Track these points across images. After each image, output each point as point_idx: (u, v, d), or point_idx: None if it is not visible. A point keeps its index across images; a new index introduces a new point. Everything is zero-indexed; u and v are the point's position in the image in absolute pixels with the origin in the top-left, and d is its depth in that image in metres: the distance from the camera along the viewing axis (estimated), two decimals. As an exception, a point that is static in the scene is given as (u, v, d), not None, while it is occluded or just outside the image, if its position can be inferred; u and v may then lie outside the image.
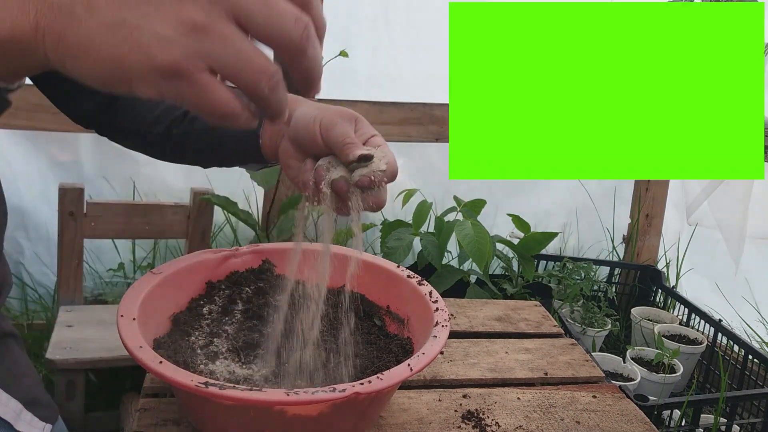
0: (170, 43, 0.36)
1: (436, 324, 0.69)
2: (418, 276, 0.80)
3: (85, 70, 0.38)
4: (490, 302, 1.06)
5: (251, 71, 0.38)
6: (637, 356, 1.82)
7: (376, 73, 2.03)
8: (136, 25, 0.36)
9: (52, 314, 1.85)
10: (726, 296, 2.14)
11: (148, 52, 0.36)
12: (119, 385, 1.78)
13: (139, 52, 0.36)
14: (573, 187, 2.35)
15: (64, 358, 1.47)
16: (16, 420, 0.68)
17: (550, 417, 0.75)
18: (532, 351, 0.91)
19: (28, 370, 0.74)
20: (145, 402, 0.70)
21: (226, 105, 0.38)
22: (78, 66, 0.38)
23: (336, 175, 0.61)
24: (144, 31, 0.36)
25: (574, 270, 2.03)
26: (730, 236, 2.15)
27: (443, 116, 2.06)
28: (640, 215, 2.37)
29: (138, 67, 0.36)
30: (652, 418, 1.33)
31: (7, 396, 0.67)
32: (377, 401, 0.67)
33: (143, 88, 0.37)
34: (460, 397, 0.78)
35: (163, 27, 0.36)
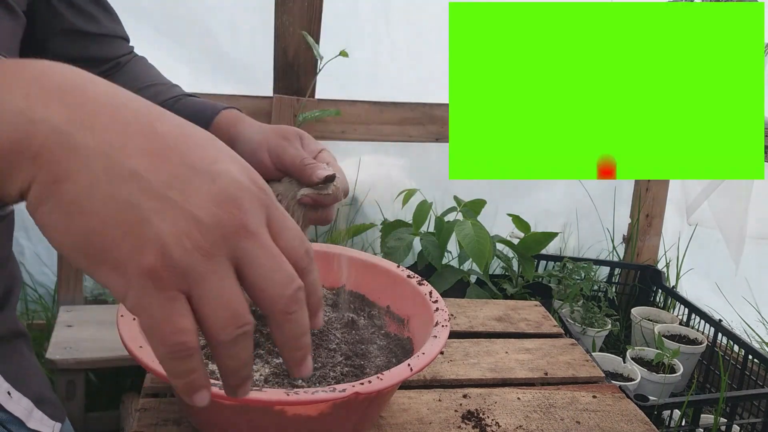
0: (165, 252, 0.32)
1: (436, 324, 0.69)
2: (418, 276, 0.80)
3: (60, 229, 0.32)
4: (490, 302, 1.06)
5: (227, 315, 0.33)
6: (637, 356, 1.82)
7: (376, 73, 2.03)
8: (145, 217, 0.32)
9: (52, 314, 1.85)
10: (726, 296, 2.14)
11: (141, 249, 0.32)
12: (119, 385, 1.78)
13: (133, 245, 0.32)
14: (573, 187, 2.35)
15: (64, 358, 1.47)
16: (28, 418, 0.68)
17: (550, 417, 0.75)
18: (532, 351, 0.91)
19: (37, 369, 0.75)
20: (145, 402, 0.70)
21: (179, 333, 0.32)
22: (54, 221, 0.32)
23: (299, 195, 0.64)
24: (150, 227, 0.32)
25: (574, 270, 2.03)
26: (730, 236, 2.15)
27: (443, 116, 2.06)
28: (640, 215, 2.37)
29: (121, 257, 0.32)
30: (652, 418, 1.33)
31: (18, 394, 0.68)
32: (377, 401, 0.67)
33: (110, 278, 0.33)
34: (460, 397, 0.78)
35: (168, 231, 0.32)
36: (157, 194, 0.32)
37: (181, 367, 0.33)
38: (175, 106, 0.79)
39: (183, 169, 0.33)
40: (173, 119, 0.36)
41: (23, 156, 0.32)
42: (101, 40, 0.78)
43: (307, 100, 1.81)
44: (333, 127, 1.95)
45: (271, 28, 1.78)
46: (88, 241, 0.32)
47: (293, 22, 1.76)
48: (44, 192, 0.32)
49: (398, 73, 2.04)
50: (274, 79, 1.84)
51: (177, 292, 0.33)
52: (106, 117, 0.33)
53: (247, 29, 1.87)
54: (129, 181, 0.32)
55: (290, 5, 1.74)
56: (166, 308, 0.32)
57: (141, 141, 0.33)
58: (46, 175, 0.32)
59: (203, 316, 0.33)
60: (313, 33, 1.76)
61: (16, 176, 0.33)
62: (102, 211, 0.32)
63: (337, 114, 1.74)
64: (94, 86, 0.35)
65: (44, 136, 0.32)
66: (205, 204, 0.33)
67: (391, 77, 2.04)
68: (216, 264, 0.33)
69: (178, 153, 0.34)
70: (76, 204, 0.32)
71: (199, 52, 1.85)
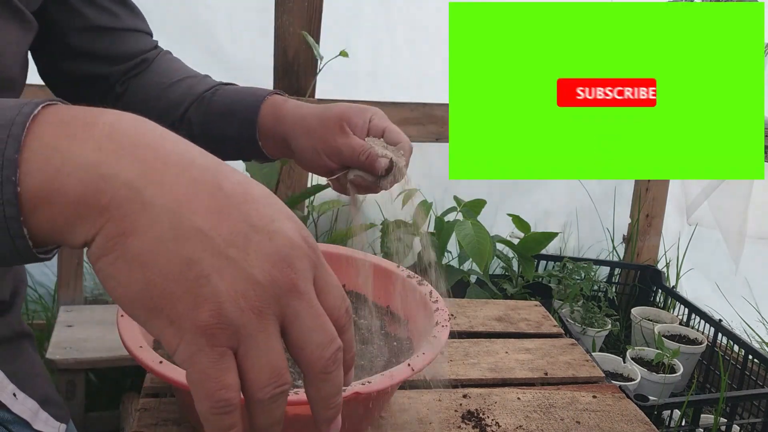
0: (221, 310, 0.33)
1: (436, 324, 0.69)
2: (418, 276, 0.80)
3: (122, 280, 0.33)
4: (490, 302, 1.06)
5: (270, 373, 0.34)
6: (637, 356, 1.82)
7: (376, 73, 2.03)
8: (205, 275, 0.33)
9: (52, 314, 1.85)
10: (726, 296, 2.14)
11: (199, 306, 0.32)
12: (119, 385, 1.78)
13: (191, 302, 0.33)
14: (573, 187, 2.35)
15: (64, 358, 1.47)
16: (33, 419, 0.68)
17: (550, 417, 0.75)
18: (532, 351, 0.91)
19: (41, 370, 0.75)
20: (145, 402, 0.70)
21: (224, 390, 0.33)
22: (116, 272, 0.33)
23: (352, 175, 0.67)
24: (209, 285, 0.33)
25: (574, 270, 2.03)
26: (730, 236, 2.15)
27: (443, 116, 2.06)
28: (640, 215, 2.37)
29: (178, 312, 0.33)
30: (652, 418, 1.33)
31: (24, 395, 0.68)
32: (377, 401, 0.67)
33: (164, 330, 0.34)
34: (460, 397, 0.78)
35: (225, 290, 0.33)
36: (219, 252, 0.33)
37: (222, 422, 0.34)
38: (213, 98, 0.78)
39: (243, 227, 0.34)
40: (236, 176, 0.36)
41: (91, 208, 0.33)
42: (123, 35, 0.78)
43: (307, 100, 1.81)
44: (333, 127, 1.94)
45: (271, 28, 1.78)
46: (148, 294, 0.33)
47: (293, 22, 1.76)
48: (109, 244, 0.33)
49: (398, 73, 2.04)
50: (274, 79, 1.84)
51: (227, 348, 0.33)
52: (175, 174, 0.34)
53: (247, 29, 1.87)
54: (193, 239, 0.33)
55: (290, 5, 1.74)
56: (215, 364, 0.33)
57: (206, 198, 0.34)
58: (114, 228, 0.33)
59: (246, 371, 0.34)
60: (313, 33, 1.76)
61: (82, 226, 0.33)
62: (165, 266, 0.33)
63: (337, 114, 1.73)
64: (164, 141, 0.35)
65: (114, 191, 0.33)
66: (261, 263, 0.34)
67: (391, 77, 2.04)
68: (266, 322, 0.34)
69: (239, 211, 0.34)
70: (141, 258, 0.33)
71: (199, 52, 1.85)
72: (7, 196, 0.33)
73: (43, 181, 0.33)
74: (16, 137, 0.33)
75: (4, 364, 0.68)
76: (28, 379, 0.70)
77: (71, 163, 0.33)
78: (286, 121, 0.73)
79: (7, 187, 0.33)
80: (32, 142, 0.33)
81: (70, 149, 0.33)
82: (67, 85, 0.79)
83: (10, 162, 0.33)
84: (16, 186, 0.33)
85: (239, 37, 1.87)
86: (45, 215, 0.34)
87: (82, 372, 1.52)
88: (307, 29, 1.74)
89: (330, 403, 0.38)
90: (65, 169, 0.33)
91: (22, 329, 0.73)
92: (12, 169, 0.33)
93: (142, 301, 0.33)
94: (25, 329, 0.74)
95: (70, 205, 0.33)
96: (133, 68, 0.80)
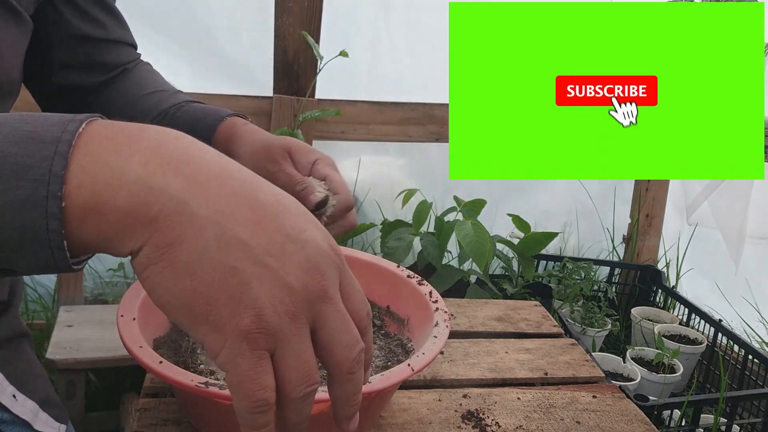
0: (261, 316, 0.35)
1: (437, 324, 0.69)
2: (418, 276, 0.80)
3: (169, 288, 0.35)
4: (490, 302, 1.06)
5: (302, 374, 0.36)
6: (637, 356, 1.82)
7: (376, 73, 2.03)
8: (246, 282, 0.35)
9: (52, 314, 1.85)
10: (726, 296, 2.14)
11: (241, 312, 0.35)
12: (119, 385, 1.78)
13: (234, 308, 0.35)
14: (573, 187, 2.35)
15: (64, 358, 1.47)
16: (34, 420, 0.68)
17: (550, 417, 0.75)
18: (532, 351, 0.91)
19: (40, 371, 0.75)
20: (145, 402, 0.70)
21: (263, 390, 0.35)
22: (163, 280, 0.35)
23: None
24: (251, 292, 0.35)
25: (574, 270, 2.03)
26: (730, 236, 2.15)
27: (443, 116, 2.06)
28: (640, 215, 2.37)
29: (222, 318, 0.35)
30: (652, 418, 1.33)
31: (23, 397, 0.68)
32: (377, 401, 0.67)
33: (208, 335, 0.35)
34: (460, 397, 0.78)
35: (265, 296, 0.35)
36: (258, 261, 0.35)
37: (258, 421, 0.36)
38: (177, 114, 0.78)
39: (279, 237, 0.36)
40: (271, 189, 0.39)
41: (140, 220, 0.35)
42: (108, 45, 0.78)
43: (307, 100, 1.81)
44: (333, 127, 1.95)
45: (271, 28, 1.78)
46: (193, 302, 0.35)
47: (293, 22, 1.76)
48: (157, 254, 0.35)
49: (398, 73, 2.04)
50: (274, 79, 1.84)
51: (265, 351, 0.35)
52: (217, 187, 0.36)
53: (247, 29, 1.87)
54: (235, 249, 0.35)
55: (290, 5, 1.74)
56: (254, 366, 0.35)
57: (246, 210, 0.36)
58: (161, 239, 0.35)
59: (281, 373, 0.36)
60: (313, 33, 1.76)
61: (130, 237, 0.35)
62: (210, 275, 0.35)
63: (337, 114, 1.74)
64: (205, 156, 0.38)
65: (162, 203, 0.35)
66: (296, 271, 0.36)
67: (391, 77, 2.04)
68: (299, 326, 0.36)
69: (275, 222, 0.37)
70: (187, 267, 0.35)
71: (200, 52, 1.85)
72: (52, 210, 0.34)
73: (93, 193, 0.35)
74: (63, 154, 0.35)
75: (4, 366, 0.68)
76: (27, 380, 0.70)
77: (120, 176, 0.35)
78: (237, 142, 0.74)
79: (53, 202, 0.34)
80: (80, 157, 0.35)
81: (118, 164, 0.35)
82: (44, 94, 0.78)
83: (57, 178, 0.34)
84: (61, 201, 0.34)
85: (239, 37, 1.87)
86: (93, 227, 0.35)
87: (82, 372, 1.52)
88: (307, 29, 1.74)
89: (352, 401, 0.40)
90: (114, 182, 0.35)
91: (20, 329, 0.73)
92: (58, 185, 0.34)
93: (188, 308, 0.35)
94: (23, 329, 0.74)
95: (120, 216, 0.35)
96: (112, 77, 0.80)
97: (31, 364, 0.73)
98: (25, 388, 0.69)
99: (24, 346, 0.73)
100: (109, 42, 0.78)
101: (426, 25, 2.02)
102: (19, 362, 0.71)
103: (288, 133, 1.64)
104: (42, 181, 0.34)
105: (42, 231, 0.35)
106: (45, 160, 0.34)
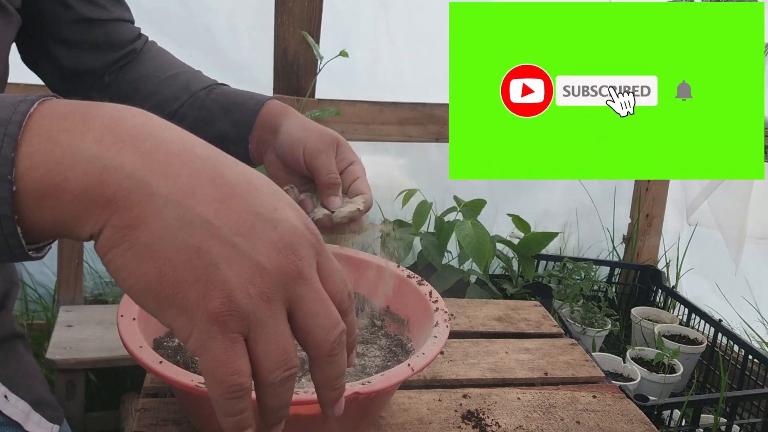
0: (231, 298, 0.33)
1: (437, 324, 0.69)
2: (418, 276, 0.80)
3: (132, 271, 0.34)
4: (490, 302, 1.06)
5: (279, 357, 0.35)
6: (637, 356, 1.82)
7: (376, 73, 2.03)
8: (214, 263, 0.33)
9: (52, 314, 1.85)
10: (726, 296, 2.14)
11: (209, 294, 0.33)
12: (119, 385, 1.78)
13: (201, 290, 0.33)
14: (573, 187, 2.35)
15: (64, 358, 1.47)
16: (25, 421, 0.68)
17: (550, 417, 0.75)
18: (532, 351, 0.91)
19: (35, 371, 0.74)
20: (145, 402, 0.70)
21: (237, 375, 0.34)
22: (126, 263, 0.34)
23: (320, 215, 0.66)
24: (219, 273, 0.33)
25: (574, 270, 2.03)
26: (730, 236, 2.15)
27: (443, 116, 2.06)
28: (640, 215, 2.37)
29: (190, 300, 0.33)
30: (652, 418, 1.33)
31: (15, 397, 0.67)
32: (377, 401, 0.67)
33: (176, 319, 0.34)
34: (460, 397, 0.78)
35: (235, 278, 0.34)
36: (226, 240, 0.34)
37: (234, 407, 0.35)
38: (211, 96, 0.79)
39: (248, 216, 0.35)
40: (238, 166, 0.37)
41: (96, 201, 0.33)
42: (112, 26, 0.79)
43: (307, 100, 1.81)
44: (333, 127, 1.93)
45: (271, 28, 1.78)
46: (158, 285, 0.33)
47: (293, 22, 1.76)
48: (117, 236, 0.33)
49: (398, 73, 2.04)
50: (274, 79, 1.84)
51: (238, 334, 0.34)
52: (178, 164, 0.34)
53: (247, 29, 1.87)
54: (200, 228, 0.34)
55: (290, 5, 1.74)
56: (227, 350, 0.34)
57: (210, 188, 0.35)
58: (121, 220, 0.33)
59: (256, 357, 0.35)
60: (313, 33, 1.76)
61: (87, 219, 0.34)
62: (174, 256, 0.33)
63: (337, 114, 1.74)
64: (164, 132, 0.36)
65: (118, 182, 0.33)
66: (267, 251, 0.34)
67: (391, 77, 2.04)
68: (274, 308, 0.35)
69: (243, 200, 0.35)
70: (150, 249, 0.33)
71: (199, 52, 1.85)
72: (2, 195, 0.33)
73: (45, 175, 0.33)
74: (13, 136, 0.33)
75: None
76: (20, 381, 0.69)
77: (72, 156, 0.33)
78: (289, 117, 0.74)
79: (2, 186, 0.33)
80: (31, 138, 0.33)
81: (70, 143, 0.34)
82: (55, 78, 0.79)
83: (6, 160, 0.33)
84: (11, 184, 0.33)
85: (239, 37, 1.87)
86: (48, 210, 0.34)
87: (82, 372, 1.52)
88: (307, 29, 1.74)
89: (334, 385, 0.38)
90: (67, 162, 0.33)
91: (13, 330, 0.73)
92: (8, 167, 0.33)
93: (153, 291, 0.34)
94: (17, 330, 0.74)
95: (74, 198, 0.33)
96: (122, 58, 0.80)
97: (24, 364, 0.73)
98: (18, 389, 0.68)
99: (17, 346, 0.73)
100: (110, 21, 0.78)
101: (426, 25, 2.02)
102: (12, 363, 0.71)
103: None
104: None
105: None
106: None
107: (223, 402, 0.35)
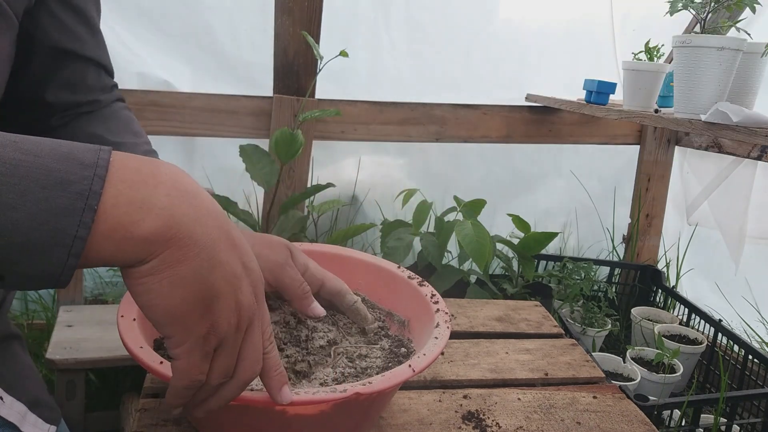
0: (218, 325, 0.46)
1: (437, 325, 0.69)
2: (418, 277, 0.80)
3: (163, 295, 0.44)
4: (491, 302, 1.06)
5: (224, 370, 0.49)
6: (637, 356, 1.82)
7: (376, 73, 2.03)
8: (217, 296, 0.46)
9: (52, 314, 1.85)
10: (726, 296, 2.14)
11: (205, 319, 0.46)
12: (119, 385, 1.78)
13: (202, 315, 0.45)
14: (573, 187, 2.35)
15: (64, 358, 1.47)
16: (21, 422, 0.67)
17: (551, 417, 0.75)
18: (533, 351, 0.91)
19: (31, 372, 0.74)
20: (145, 402, 0.70)
21: (202, 375, 0.47)
22: (160, 288, 0.43)
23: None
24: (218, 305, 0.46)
25: (574, 270, 2.03)
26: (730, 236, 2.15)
27: (443, 116, 2.06)
28: (640, 215, 2.37)
29: (193, 322, 0.45)
30: (652, 418, 1.33)
31: (11, 399, 0.67)
32: (378, 402, 0.67)
33: (178, 333, 0.45)
34: (461, 397, 0.78)
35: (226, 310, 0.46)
36: (227, 280, 0.46)
37: (186, 394, 0.49)
38: None
39: (240, 264, 0.48)
40: (235, 226, 0.49)
41: (158, 239, 0.43)
42: (83, 65, 0.73)
43: (307, 100, 1.81)
44: (333, 127, 1.95)
45: (271, 28, 1.78)
46: (178, 309, 0.44)
47: (293, 22, 1.75)
48: (162, 266, 0.43)
49: (398, 73, 2.04)
50: (274, 79, 1.84)
51: (212, 349, 0.47)
52: (211, 219, 0.46)
53: (247, 29, 1.87)
54: (218, 269, 0.45)
55: (290, 5, 1.74)
56: (203, 359, 0.47)
57: (225, 239, 0.47)
58: (171, 256, 0.43)
59: (213, 366, 0.48)
60: (313, 33, 1.76)
61: (144, 252, 0.43)
62: (198, 288, 0.44)
63: (337, 114, 1.73)
64: (201, 192, 0.47)
65: (177, 228, 0.44)
66: (246, 292, 0.48)
67: (391, 77, 2.04)
68: (238, 335, 0.48)
69: (239, 252, 0.48)
70: (184, 280, 0.44)
71: (199, 52, 1.85)
72: (85, 220, 0.40)
73: (126, 214, 0.42)
74: (101, 176, 0.42)
75: None
76: (16, 382, 0.69)
77: (150, 203, 0.43)
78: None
79: (88, 214, 0.41)
80: (116, 182, 0.42)
81: (147, 192, 0.43)
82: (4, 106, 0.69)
83: (95, 194, 0.41)
84: (94, 214, 0.41)
85: (239, 37, 1.87)
86: (114, 242, 0.42)
87: (82, 372, 1.52)
88: (307, 29, 1.73)
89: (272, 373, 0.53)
90: (146, 208, 0.43)
91: (10, 331, 0.73)
92: (96, 200, 0.41)
93: (172, 312, 0.44)
94: (12, 331, 0.74)
95: (145, 235, 0.43)
96: (82, 105, 0.75)
97: (20, 365, 0.73)
98: (14, 389, 0.68)
99: (14, 347, 0.73)
100: (83, 59, 0.72)
101: (426, 24, 2.02)
102: (8, 364, 0.70)
103: (288, 133, 1.64)
104: (82, 195, 0.40)
105: (69, 237, 0.40)
106: (85, 179, 0.41)
107: (182, 389, 0.48)
